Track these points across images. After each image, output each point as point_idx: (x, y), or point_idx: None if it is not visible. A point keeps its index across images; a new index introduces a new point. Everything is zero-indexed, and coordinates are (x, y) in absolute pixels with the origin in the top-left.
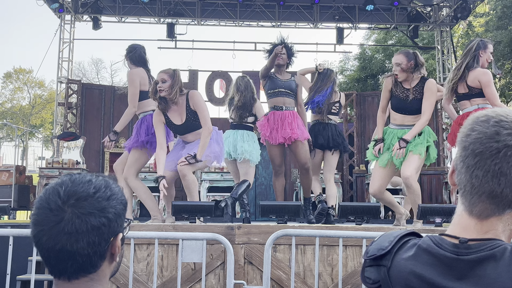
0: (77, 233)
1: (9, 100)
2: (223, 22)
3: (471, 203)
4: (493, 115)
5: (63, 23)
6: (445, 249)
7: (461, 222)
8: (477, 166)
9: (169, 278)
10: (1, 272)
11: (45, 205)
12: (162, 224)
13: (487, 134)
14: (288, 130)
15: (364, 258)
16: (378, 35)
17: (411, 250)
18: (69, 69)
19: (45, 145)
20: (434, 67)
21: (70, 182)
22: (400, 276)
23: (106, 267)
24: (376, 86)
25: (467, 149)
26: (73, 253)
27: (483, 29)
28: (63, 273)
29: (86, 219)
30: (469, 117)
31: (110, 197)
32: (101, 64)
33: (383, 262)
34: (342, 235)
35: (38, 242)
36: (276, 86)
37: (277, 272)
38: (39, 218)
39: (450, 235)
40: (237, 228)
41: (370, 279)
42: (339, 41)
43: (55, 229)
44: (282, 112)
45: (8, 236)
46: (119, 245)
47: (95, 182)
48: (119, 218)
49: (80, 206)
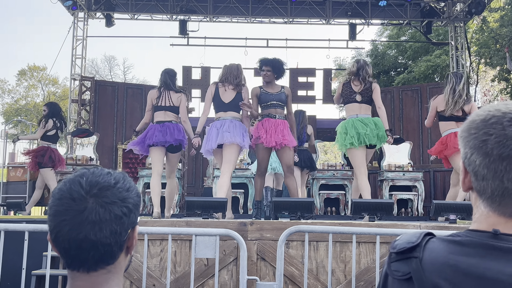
0: (100, 222)
1: (23, 97)
2: (235, 19)
3: (502, 205)
4: (498, 114)
5: (76, 21)
6: (479, 238)
7: (489, 220)
8: (507, 170)
9: (182, 274)
10: (16, 267)
11: (67, 195)
12: (175, 220)
13: (508, 136)
14: (280, 136)
15: (392, 252)
16: (391, 31)
17: (441, 243)
18: (82, 66)
19: (59, 142)
20: (447, 62)
21: (90, 174)
22: (433, 267)
23: (122, 259)
24: (389, 83)
25: (491, 155)
26: (95, 243)
27: (497, 24)
28: (83, 264)
29: (110, 208)
30: (471, 121)
31: (129, 188)
32: (114, 61)
33: (414, 254)
34: (356, 231)
35: (59, 233)
36: (268, 99)
37: (290, 269)
38: (60, 209)
39: (479, 230)
40: (250, 224)
41: (399, 271)
42: (351, 37)
43: (78, 218)
44: (275, 120)
45: (23, 232)
46: (136, 237)
47: (113, 174)
48: (136, 210)
49: (103, 195)
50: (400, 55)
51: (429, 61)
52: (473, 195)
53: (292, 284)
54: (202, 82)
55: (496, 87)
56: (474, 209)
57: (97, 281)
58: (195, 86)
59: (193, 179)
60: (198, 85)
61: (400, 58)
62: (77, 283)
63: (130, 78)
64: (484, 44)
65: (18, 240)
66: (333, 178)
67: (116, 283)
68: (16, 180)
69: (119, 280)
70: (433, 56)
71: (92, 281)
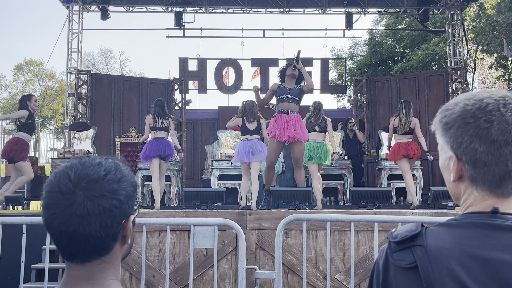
0: (89, 216)
1: (20, 92)
2: (231, 10)
3: (501, 187)
4: (492, 101)
5: (71, 14)
6: (477, 219)
7: (485, 202)
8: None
9: (181, 265)
10: (16, 261)
11: (56, 188)
12: (173, 211)
13: (508, 122)
14: (292, 130)
15: (393, 241)
16: (388, 20)
17: (441, 229)
18: (78, 60)
19: (57, 137)
20: (445, 50)
21: (80, 165)
22: (440, 253)
23: (118, 249)
24: (387, 72)
25: (496, 141)
26: (85, 236)
27: (494, 11)
28: (75, 256)
29: (98, 201)
30: (462, 111)
31: (121, 179)
32: (110, 54)
33: (417, 242)
34: (354, 219)
35: (50, 226)
36: (283, 93)
37: (289, 257)
38: (50, 202)
39: (476, 211)
40: (248, 214)
41: (404, 260)
42: (348, 27)
43: (67, 212)
44: (288, 115)
45: (21, 224)
46: (131, 227)
47: (105, 164)
48: (130, 200)
49: (91, 188)
50: (397, 44)
51: (427, 49)
52: (462, 184)
53: (291, 272)
54: (198, 74)
55: (494, 74)
56: (465, 196)
57: (92, 271)
58: (192, 77)
59: (191, 171)
60: (194, 77)
61: (397, 47)
62: (73, 272)
63: (127, 71)
64: (481, 31)
65: (17, 234)
66: (331, 168)
67: (112, 272)
68: None
69: (115, 269)
70: (431, 44)
71: (87, 271)
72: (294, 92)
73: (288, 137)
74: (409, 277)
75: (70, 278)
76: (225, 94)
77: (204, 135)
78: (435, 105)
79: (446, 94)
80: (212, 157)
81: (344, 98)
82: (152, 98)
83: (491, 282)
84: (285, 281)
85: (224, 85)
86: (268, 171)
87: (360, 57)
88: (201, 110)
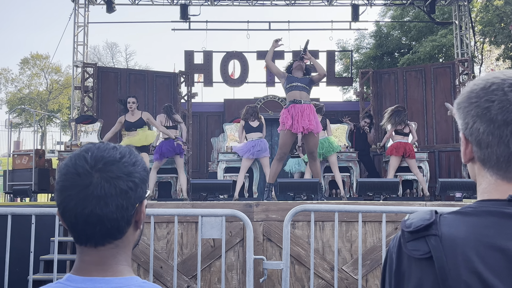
0: (106, 197)
1: (26, 86)
2: (237, 2)
3: (509, 171)
4: (498, 81)
5: (77, 7)
6: (493, 207)
7: (500, 188)
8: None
9: (189, 256)
10: (24, 253)
11: (72, 170)
12: (181, 202)
13: (510, 101)
14: (306, 121)
15: (407, 231)
16: (395, 12)
17: (455, 218)
18: (84, 53)
19: (63, 130)
20: (452, 42)
21: (95, 148)
22: (452, 243)
23: (131, 234)
24: (393, 64)
25: (495, 121)
26: (102, 217)
27: (502, 2)
28: (90, 239)
29: (115, 182)
30: (469, 91)
31: (135, 163)
32: (116, 48)
33: (432, 231)
34: (361, 209)
35: (66, 208)
36: (293, 81)
37: (296, 249)
38: (66, 184)
39: (491, 199)
40: (255, 205)
41: (418, 250)
42: (354, 19)
43: (84, 193)
44: (301, 105)
45: (30, 216)
46: (144, 211)
47: (119, 148)
48: (143, 184)
49: (108, 170)
50: (404, 36)
51: (435, 41)
52: (475, 166)
53: (299, 264)
54: (204, 66)
55: (501, 66)
56: (480, 179)
57: (105, 255)
58: (198, 70)
59: (197, 164)
60: (200, 70)
61: (404, 39)
62: (85, 257)
63: (133, 64)
64: (489, 22)
65: (25, 226)
66: (337, 160)
67: (124, 257)
68: (21, 168)
69: (127, 255)
70: (438, 36)
71: (100, 256)
72: (305, 81)
73: (302, 128)
74: (422, 267)
75: (83, 263)
76: (230, 87)
77: (210, 128)
78: (442, 97)
79: (453, 86)
80: (218, 150)
81: (350, 90)
82: (158, 91)
83: (507, 272)
84: (292, 272)
85: (230, 78)
86: (278, 163)
87: (366, 49)
88: (207, 103)
